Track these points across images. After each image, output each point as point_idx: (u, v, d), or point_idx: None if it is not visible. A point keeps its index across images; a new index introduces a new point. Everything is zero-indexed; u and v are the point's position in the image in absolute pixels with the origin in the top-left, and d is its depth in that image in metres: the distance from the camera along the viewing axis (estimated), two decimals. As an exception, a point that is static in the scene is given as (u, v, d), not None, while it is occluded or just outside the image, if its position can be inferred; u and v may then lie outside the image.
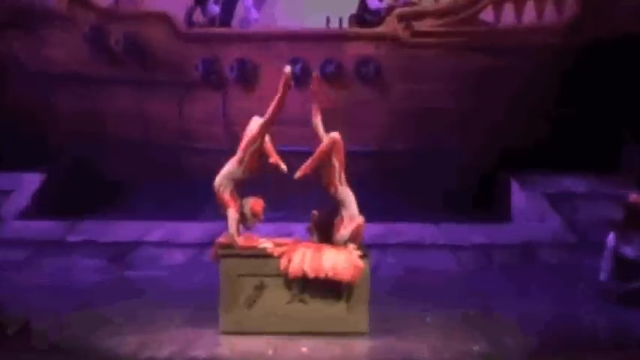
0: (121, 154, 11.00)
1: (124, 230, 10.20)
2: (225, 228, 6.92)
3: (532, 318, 7.46)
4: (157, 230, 10.21)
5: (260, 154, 6.88)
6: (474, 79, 10.44)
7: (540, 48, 10.32)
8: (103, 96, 10.96)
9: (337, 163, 6.80)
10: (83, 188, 10.77)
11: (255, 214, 6.93)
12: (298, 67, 10.72)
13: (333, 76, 10.75)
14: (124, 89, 10.92)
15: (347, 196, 6.89)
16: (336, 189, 6.88)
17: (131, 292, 8.58)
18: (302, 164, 6.94)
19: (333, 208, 6.97)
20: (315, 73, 7.34)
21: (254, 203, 6.94)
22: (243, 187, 7.00)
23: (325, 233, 6.94)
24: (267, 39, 10.88)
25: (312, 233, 7.05)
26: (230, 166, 6.89)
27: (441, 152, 10.78)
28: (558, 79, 10.30)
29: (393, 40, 10.65)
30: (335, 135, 6.83)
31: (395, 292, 8.43)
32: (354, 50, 10.75)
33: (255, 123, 6.92)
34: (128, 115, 10.99)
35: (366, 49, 10.72)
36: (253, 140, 6.83)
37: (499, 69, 10.43)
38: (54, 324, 7.03)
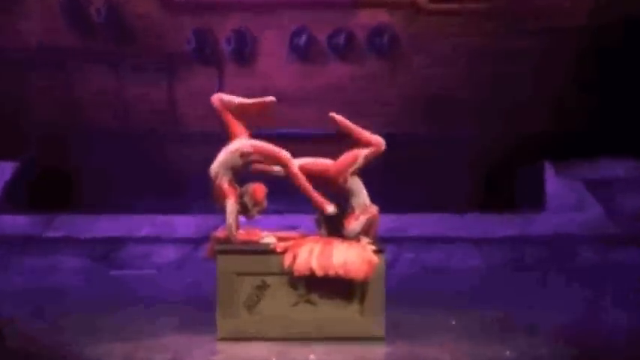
0: (100, 142, 11.00)
1: (109, 225, 10.23)
2: (222, 221, 6.91)
3: (568, 322, 7.44)
4: (147, 225, 10.24)
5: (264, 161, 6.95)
6: (496, 56, 10.44)
7: (566, 26, 10.33)
8: (81, 76, 10.94)
9: (361, 161, 6.88)
10: (58, 182, 10.80)
11: (257, 203, 6.92)
12: (303, 38, 10.71)
13: (343, 48, 10.73)
14: (105, 67, 10.91)
15: (357, 185, 6.93)
16: (345, 179, 6.92)
17: (117, 294, 8.59)
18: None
19: (343, 198, 6.99)
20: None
21: (255, 190, 6.92)
22: (240, 176, 7.02)
23: (335, 226, 6.95)
24: (268, 7, 10.86)
25: (320, 226, 7.06)
26: (229, 155, 6.88)
27: (458, 138, 10.78)
28: (583, 61, 10.29)
29: (410, 6, 10.64)
30: (383, 142, 6.92)
31: (413, 292, 8.44)
32: (366, 18, 10.73)
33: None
34: (108, 97, 10.99)
35: (380, 16, 10.70)
36: (274, 158, 6.86)
37: (522, 47, 10.42)
38: (32, 331, 7.03)
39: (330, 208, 6.84)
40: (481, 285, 9.03)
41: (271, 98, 7.03)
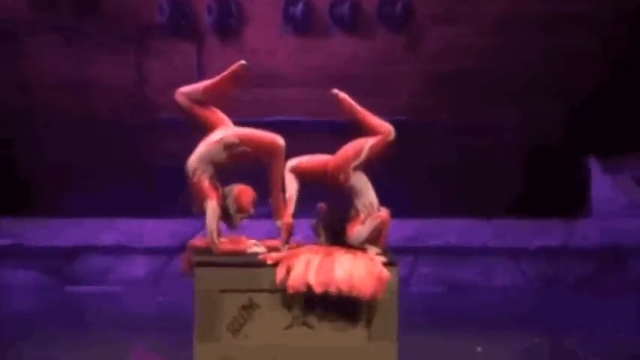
0: (57, 131, 11.02)
1: (64, 232, 10.26)
2: (201, 227, 6.89)
3: (619, 349, 7.46)
4: (110, 231, 10.26)
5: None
6: (534, 29, 10.46)
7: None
8: (35, 53, 10.99)
9: (366, 154, 6.84)
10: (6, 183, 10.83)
11: (241, 209, 6.90)
12: (300, 7, 10.73)
13: (348, 19, 10.77)
14: (62, 42, 10.95)
15: (362, 183, 6.87)
16: (347, 176, 6.87)
17: (75, 315, 8.62)
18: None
19: (346, 200, 6.96)
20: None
21: (241, 193, 6.91)
22: (224, 173, 7.01)
23: (337, 233, 6.93)
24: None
25: (319, 233, 7.04)
26: (211, 147, 6.86)
27: (485, 126, 10.81)
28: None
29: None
30: (392, 130, 6.86)
31: (432, 314, 8.48)
32: (375, -18, 10.81)
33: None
34: (66, 77, 11.03)
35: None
36: (266, 146, 6.83)
37: (568, 15, 10.46)
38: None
39: (279, 223, 6.84)
40: (514, 305, 9.08)
41: (241, 63, 6.98)
